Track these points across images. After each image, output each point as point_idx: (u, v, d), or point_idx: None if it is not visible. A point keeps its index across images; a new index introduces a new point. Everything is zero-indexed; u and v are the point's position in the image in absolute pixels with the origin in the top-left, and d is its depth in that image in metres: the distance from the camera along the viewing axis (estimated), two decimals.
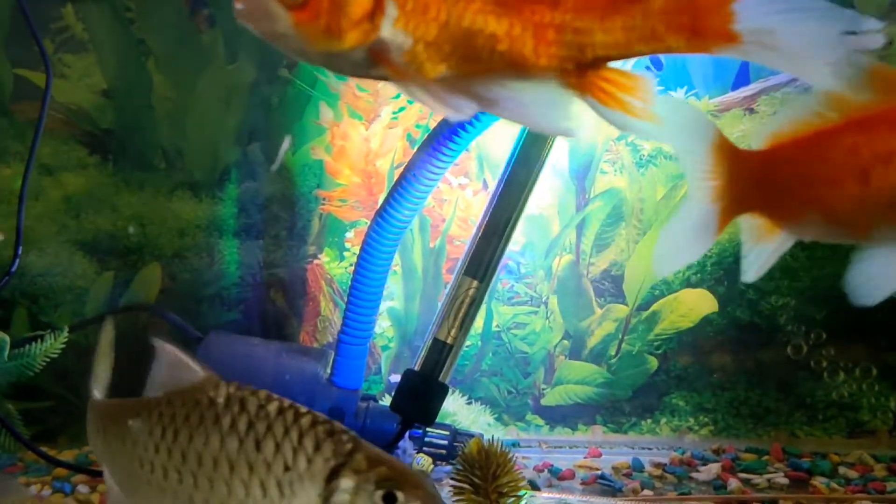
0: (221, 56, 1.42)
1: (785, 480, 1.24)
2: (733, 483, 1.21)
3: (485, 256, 1.17)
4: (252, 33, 0.74)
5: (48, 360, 1.24)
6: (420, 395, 1.17)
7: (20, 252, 1.22)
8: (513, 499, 0.90)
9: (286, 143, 1.24)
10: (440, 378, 1.17)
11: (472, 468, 0.90)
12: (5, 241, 1.37)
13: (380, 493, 0.63)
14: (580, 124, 0.74)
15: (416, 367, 1.18)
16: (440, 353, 1.17)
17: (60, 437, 1.40)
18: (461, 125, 1.16)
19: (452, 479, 0.92)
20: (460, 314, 1.17)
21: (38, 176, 1.38)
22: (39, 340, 1.25)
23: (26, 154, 1.30)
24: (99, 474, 1.22)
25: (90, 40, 1.41)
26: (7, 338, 1.24)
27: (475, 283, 1.17)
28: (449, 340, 1.17)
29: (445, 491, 0.93)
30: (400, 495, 0.63)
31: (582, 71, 0.73)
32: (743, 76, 1.40)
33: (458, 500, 0.90)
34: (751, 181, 0.82)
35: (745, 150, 0.84)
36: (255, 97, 1.43)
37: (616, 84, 0.73)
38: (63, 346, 1.25)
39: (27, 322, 1.39)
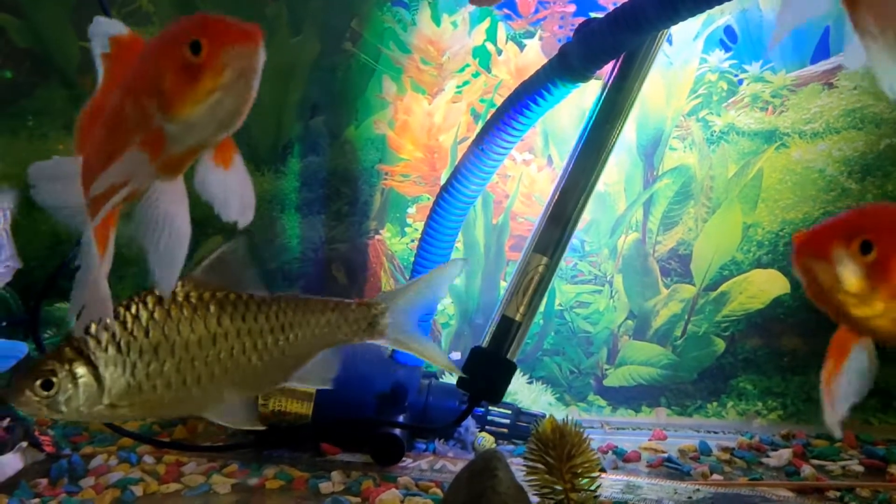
0: (285, 29, 1.40)
1: (860, 468, 1.20)
2: (807, 469, 1.18)
3: (555, 233, 1.15)
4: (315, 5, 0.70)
5: None
6: (488, 372, 1.15)
7: None
8: (587, 479, 0.88)
9: None
10: (508, 355, 1.15)
11: (547, 448, 0.88)
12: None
13: None
14: None
15: (484, 344, 1.17)
16: (508, 330, 1.15)
17: None
18: (532, 99, 1.14)
19: (525, 458, 0.90)
20: (529, 291, 1.15)
21: None
22: None
23: None
24: (163, 444, 1.23)
25: (155, 13, 1.40)
26: None
27: (545, 259, 1.15)
28: (517, 317, 1.15)
29: (514, 469, 0.92)
30: None
31: None
32: (823, 49, 1.34)
33: (531, 481, 0.88)
34: None
35: None
36: (319, 71, 1.41)
37: None
38: None
39: None
